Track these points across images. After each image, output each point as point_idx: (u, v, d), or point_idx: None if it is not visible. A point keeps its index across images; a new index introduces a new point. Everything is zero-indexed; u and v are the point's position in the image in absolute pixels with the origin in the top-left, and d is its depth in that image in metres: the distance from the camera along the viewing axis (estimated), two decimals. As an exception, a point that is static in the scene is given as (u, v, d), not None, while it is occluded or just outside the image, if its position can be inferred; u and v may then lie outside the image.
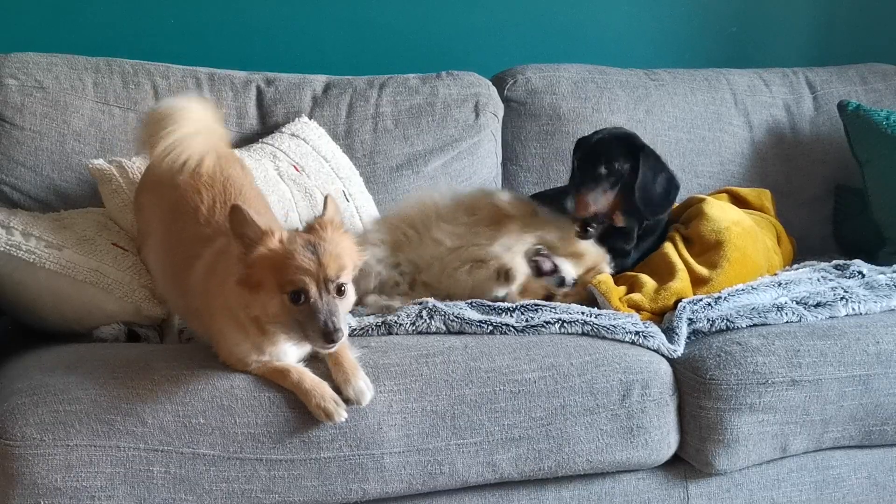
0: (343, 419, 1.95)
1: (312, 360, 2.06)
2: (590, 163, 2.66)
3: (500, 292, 2.47)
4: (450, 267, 2.55)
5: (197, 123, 2.24)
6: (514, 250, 2.54)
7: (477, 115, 3.15)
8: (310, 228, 1.92)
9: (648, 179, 2.63)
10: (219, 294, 1.97)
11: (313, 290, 1.82)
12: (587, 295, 2.57)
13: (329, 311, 1.82)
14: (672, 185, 2.68)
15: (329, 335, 1.81)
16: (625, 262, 2.72)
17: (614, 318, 2.36)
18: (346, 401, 1.97)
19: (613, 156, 2.64)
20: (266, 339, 1.95)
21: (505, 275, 2.44)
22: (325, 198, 1.97)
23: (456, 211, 2.66)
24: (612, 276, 2.61)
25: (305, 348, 2.04)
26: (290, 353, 2.02)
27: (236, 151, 2.64)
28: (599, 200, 2.62)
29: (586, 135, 2.78)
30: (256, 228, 1.83)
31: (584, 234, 2.61)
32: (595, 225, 2.63)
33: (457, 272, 2.53)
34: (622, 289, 2.56)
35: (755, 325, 2.40)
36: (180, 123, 2.19)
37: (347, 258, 1.88)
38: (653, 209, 2.67)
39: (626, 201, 2.64)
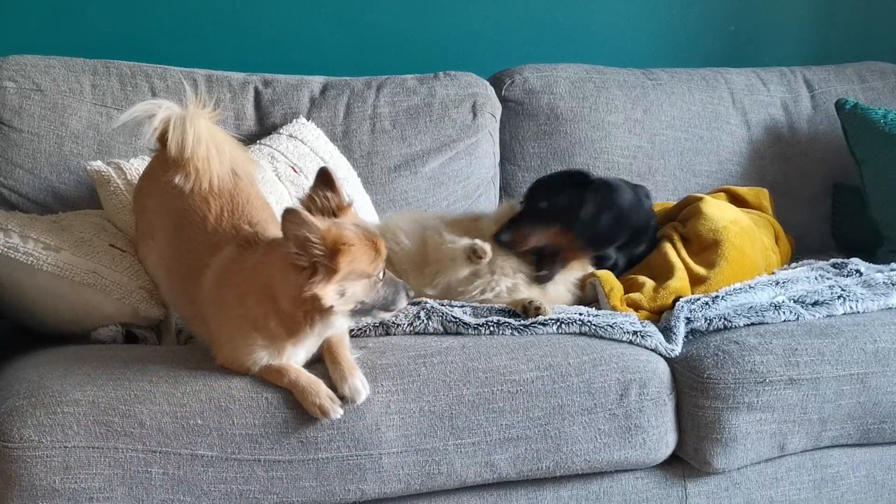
0: (339, 416, 1.96)
1: (311, 363, 2.07)
2: (533, 198, 2.62)
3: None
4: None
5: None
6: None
7: (475, 116, 3.15)
8: (338, 208, 2.01)
9: (590, 215, 2.56)
10: (235, 304, 1.99)
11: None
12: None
13: (395, 277, 2.06)
14: (622, 221, 2.62)
15: (408, 289, 2.06)
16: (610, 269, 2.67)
17: (612, 318, 2.36)
18: (342, 399, 1.98)
19: (557, 192, 2.61)
20: (293, 342, 1.99)
21: (535, 310, 2.40)
22: (325, 171, 2.04)
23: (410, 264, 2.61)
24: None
25: (313, 350, 2.06)
26: (302, 356, 2.05)
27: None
28: (538, 235, 2.54)
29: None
30: (316, 229, 1.86)
31: (539, 280, 2.54)
32: (546, 271, 2.55)
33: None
34: (622, 288, 2.56)
35: (753, 323, 2.40)
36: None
37: None
38: (595, 244, 2.60)
39: (575, 238, 2.58)
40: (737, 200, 3.05)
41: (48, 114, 2.77)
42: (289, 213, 1.85)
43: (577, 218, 2.56)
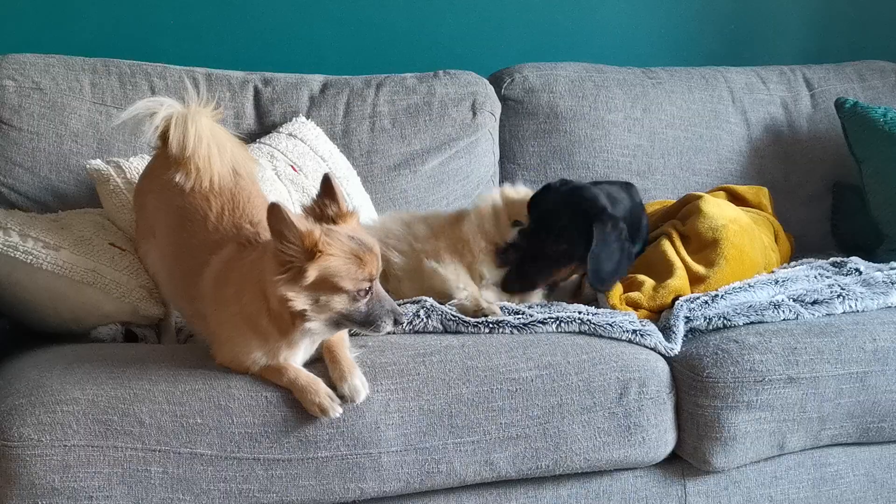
0: (338, 414, 1.96)
1: (311, 362, 2.07)
2: (536, 238, 2.54)
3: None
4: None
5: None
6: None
7: (474, 114, 3.15)
8: (337, 216, 1.97)
9: (600, 253, 2.49)
10: (232, 302, 1.99)
11: (376, 282, 1.96)
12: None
13: (388, 297, 1.97)
14: (625, 255, 2.55)
15: (399, 315, 1.97)
16: None
17: (611, 317, 2.36)
18: (342, 398, 1.98)
19: (561, 231, 2.52)
20: (286, 342, 1.98)
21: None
22: (326, 178, 2.00)
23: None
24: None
25: (311, 350, 2.06)
26: (300, 356, 2.04)
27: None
28: (547, 277, 2.56)
29: (545, 188, 2.64)
30: (297, 231, 1.84)
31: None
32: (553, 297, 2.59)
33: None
34: (621, 287, 2.56)
35: (752, 322, 2.40)
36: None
37: None
38: (602, 283, 2.51)
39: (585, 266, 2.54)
40: (736, 199, 3.05)
41: (48, 112, 2.77)
42: (272, 208, 1.84)
43: (587, 254, 2.48)
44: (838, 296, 2.49)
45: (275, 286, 1.87)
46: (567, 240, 2.52)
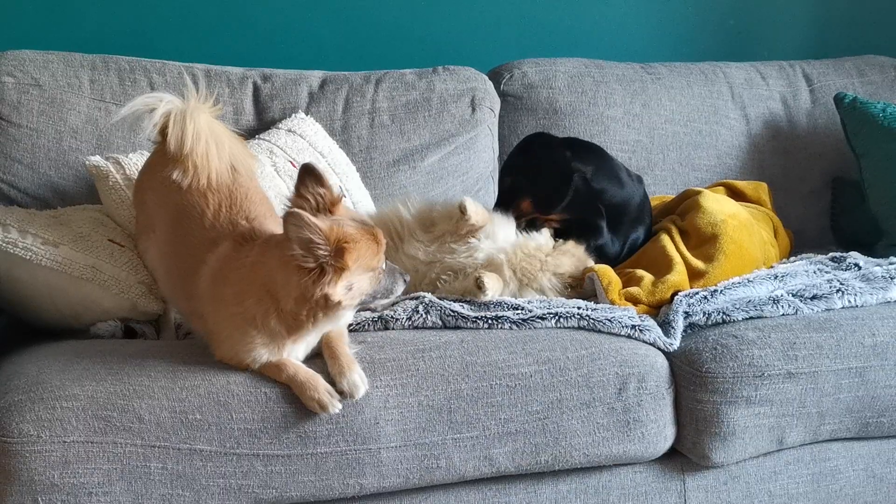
0: (337, 410, 1.96)
1: (310, 358, 2.07)
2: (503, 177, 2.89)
3: (482, 298, 2.40)
4: (427, 278, 2.53)
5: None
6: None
7: (473, 110, 3.14)
8: (331, 204, 1.99)
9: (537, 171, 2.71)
10: (232, 303, 1.99)
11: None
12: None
13: (389, 262, 2.08)
14: (570, 182, 2.68)
15: (404, 273, 2.09)
16: (608, 256, 2.70)
17: (610, 312, 2.36)
18: (341, 393, 1.98)
19: (514, 162, 2.83)
20: (293, 339, 1.99)
21: (477, 283, 2.40)
22: (310, 166, 2.03)
23: (415, 227, 2.60)
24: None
25: (313, 345, 2.06)
26: (302, 351, 2.05)
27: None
28: (511, 209, 2.67)
29: None
30: (322, 232, 1.85)
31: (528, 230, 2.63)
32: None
33: (438, 281, 2.52)
34: (620, 282, 2.56)
35: (751, 317, 2.40)
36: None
37: None
38: (543, 208, 2.68)
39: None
40: (735, 194, 3.05)
41: (47, 109, 2.77)
42: (291, 216, 1.83)
43: (532, 186, 2.69)
44: (837, 291, 2.49)
45: (317, 289, 1.88)
46: (510, 171, 2.80)
